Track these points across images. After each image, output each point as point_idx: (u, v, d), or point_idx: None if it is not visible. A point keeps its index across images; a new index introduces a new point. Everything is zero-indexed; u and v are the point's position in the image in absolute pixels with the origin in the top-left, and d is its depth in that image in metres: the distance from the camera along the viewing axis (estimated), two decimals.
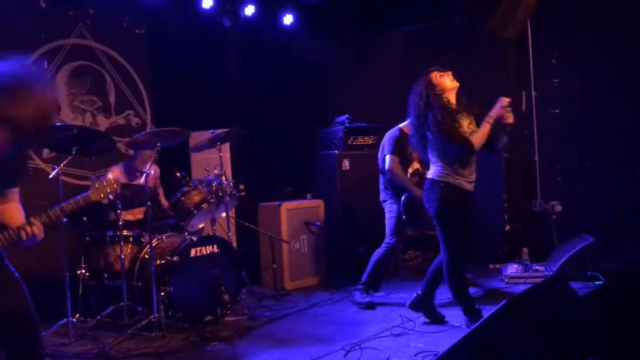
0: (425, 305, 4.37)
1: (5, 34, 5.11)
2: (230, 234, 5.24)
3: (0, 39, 5.07)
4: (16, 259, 2.54)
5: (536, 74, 6.39)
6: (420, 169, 5.28)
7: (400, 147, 4.97)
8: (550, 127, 6.36)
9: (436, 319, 4.33)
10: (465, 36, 6.61)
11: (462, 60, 6.62)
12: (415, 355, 3.63)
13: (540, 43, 6.33)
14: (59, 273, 4.26)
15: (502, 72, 6.58)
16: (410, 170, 5.14)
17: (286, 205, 5.81)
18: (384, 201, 5.18)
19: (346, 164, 6.01)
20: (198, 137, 5.29)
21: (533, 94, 6.43)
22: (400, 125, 5.12)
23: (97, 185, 2.74)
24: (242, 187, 5.56)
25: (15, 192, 2.63)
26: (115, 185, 2.79)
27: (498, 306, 2.60)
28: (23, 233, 2.42)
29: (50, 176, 4.04)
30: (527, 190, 6.51)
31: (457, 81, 4.12)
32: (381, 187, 5.20)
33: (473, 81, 6.56)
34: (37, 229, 2.45)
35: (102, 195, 2.74)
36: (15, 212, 2.56)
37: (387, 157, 4.93)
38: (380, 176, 5.19)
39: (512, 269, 5.57)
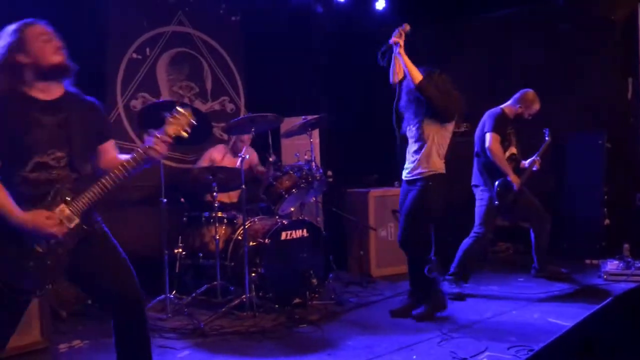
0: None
1: (110, 23, 5.39)
2: (318, 218, 5.30)
3: (106, 28, 5.36)
4: (118, 238, 2.66)
5: None
6: (516, 154, 5.10)
7: (501, 127, 4.83)
8: None
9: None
10: (568, 19, 6.27)
11: (563, 45, 6.33)
12: (508, 348, 3.53)
13: None
14: (158, 251, 4.49)
15: (606, 57, 6.21)
16: (507, 154, 4.97)
17: (374, 193, 5.80)
18: (476, 186, 5.05)
19: None
20: (289, 123, 5.37)
21: None
22: (503, 105, 4.98)
23: (171, 119, 2.48)
24: (330, 173, 5.61)
25: (110, 147, 2.64)
26: (189, 117, 2.50)
27: (601, 304, 2.48)
28: (152, 151, 2.43)
29: None
30: (630, 183, 6.13)
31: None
32: (475, 170, 5.06)
33: (575, 67, 6.28)
34: (161, 146, 2.44)
35: (179, 129, 2.49)
36: (119, 160, 2.55)
37: (488, 135, 4.80)
38: (475, 159, 5.05)
39: (612, 265, 5.29)
